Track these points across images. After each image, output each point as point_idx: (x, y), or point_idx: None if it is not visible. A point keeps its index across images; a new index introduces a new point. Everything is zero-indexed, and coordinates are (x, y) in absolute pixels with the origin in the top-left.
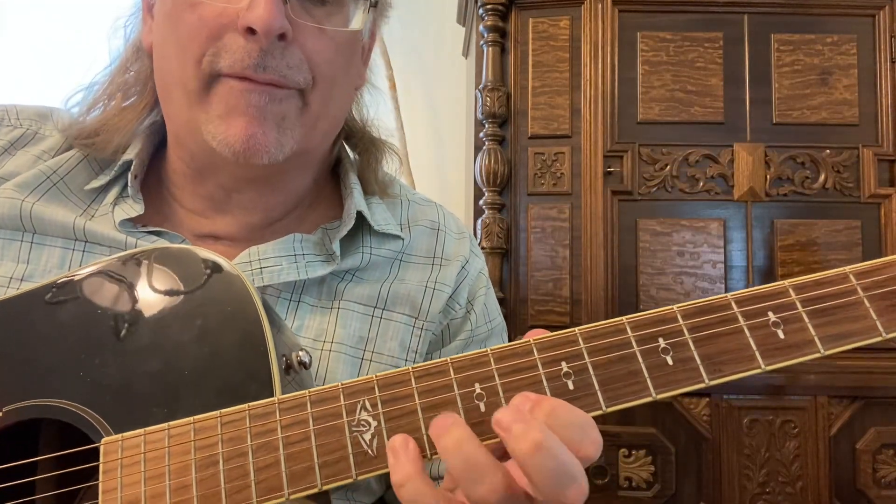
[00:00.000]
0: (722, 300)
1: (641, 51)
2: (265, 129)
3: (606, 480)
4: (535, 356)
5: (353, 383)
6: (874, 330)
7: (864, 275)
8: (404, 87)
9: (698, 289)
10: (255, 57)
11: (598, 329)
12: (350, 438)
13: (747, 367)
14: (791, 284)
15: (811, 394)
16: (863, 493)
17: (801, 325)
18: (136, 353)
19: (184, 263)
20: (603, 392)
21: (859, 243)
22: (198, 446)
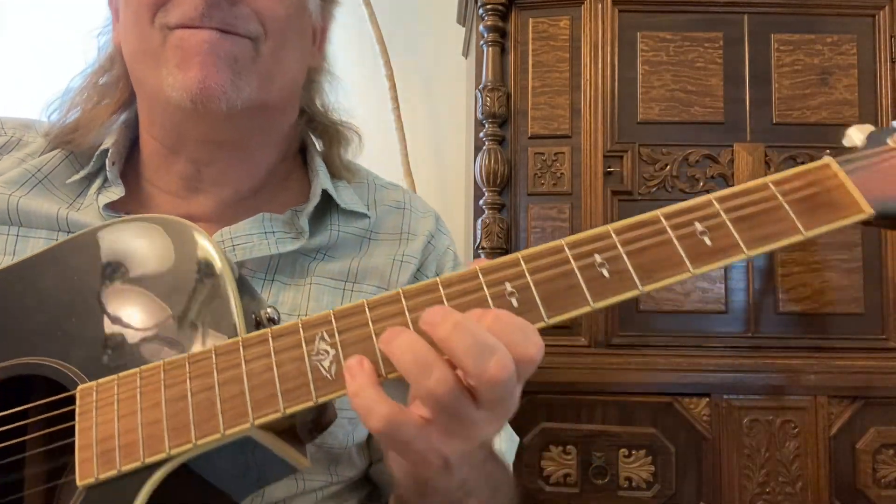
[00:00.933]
0: (652, 216)
1: (641, 51)
2: (218, 69)
3: (606, 480)
4: (481, 279)
5: (311, 318)
6: (795, 230)
7: (782, 183)
8: (404, 87)
9: (698, 289)
10: (200, 8)
11: (538, 252)
12: (310, 366)
13: (677, 272)
14: (715, 197)
15: (811, 394)
16: (863, 493)
17: (726, 231)
18: (110, 311)
19: (152, 228)
20: (545, 306)
21: (859, 243)
22: (167, 384)
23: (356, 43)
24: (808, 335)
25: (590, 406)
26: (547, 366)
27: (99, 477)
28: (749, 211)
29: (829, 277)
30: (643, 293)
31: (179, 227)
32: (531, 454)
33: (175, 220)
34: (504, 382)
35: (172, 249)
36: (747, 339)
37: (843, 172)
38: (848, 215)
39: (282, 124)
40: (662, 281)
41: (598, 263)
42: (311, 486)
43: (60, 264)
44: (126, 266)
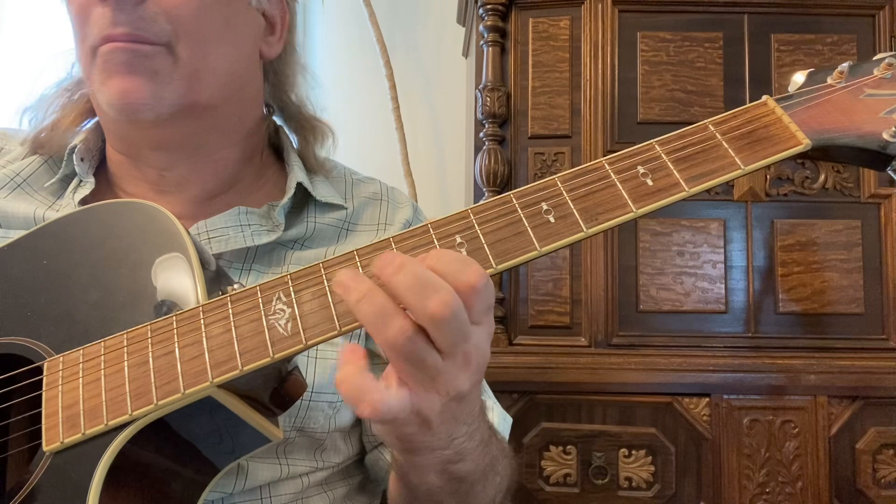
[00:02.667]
0: (597, 164)
1: (641, 51)
2: (138, 84)
3: (606, 480)
4: (432, 233)
5: (269, 282)
6: (734, 165)
7: (721, 123)
8: (404, 87)
9: (698, 289)
10: (109, 17)
11: (487, 205)
12: (267, 325)
13: (621, 213)
14: (657, 141)
15: (811, 394)
16: (863, 493)
17: (667, 171)
18: (77, 291)
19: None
20: (493, 253)
21: (859, 243)
22: (130, 352)
23: (356, 43)
24: (808, 335)
25: (590, 406)
26: (547, 366)
27: (64, 441)
28: (689, 151)
29: (829, 277)
30: (588, 235)
31: (143, 208)
32: (531, 454)
33: (139, 202)
34: (449, 319)
35: (136, 228)
36: (747, 339)
37: (779, 108)
38: (785, 148)
39: (235, 121)
40: (607, 223)
41: (544, 211)
42: (297, 471)
43: (30, 251)
44: (92, 246)
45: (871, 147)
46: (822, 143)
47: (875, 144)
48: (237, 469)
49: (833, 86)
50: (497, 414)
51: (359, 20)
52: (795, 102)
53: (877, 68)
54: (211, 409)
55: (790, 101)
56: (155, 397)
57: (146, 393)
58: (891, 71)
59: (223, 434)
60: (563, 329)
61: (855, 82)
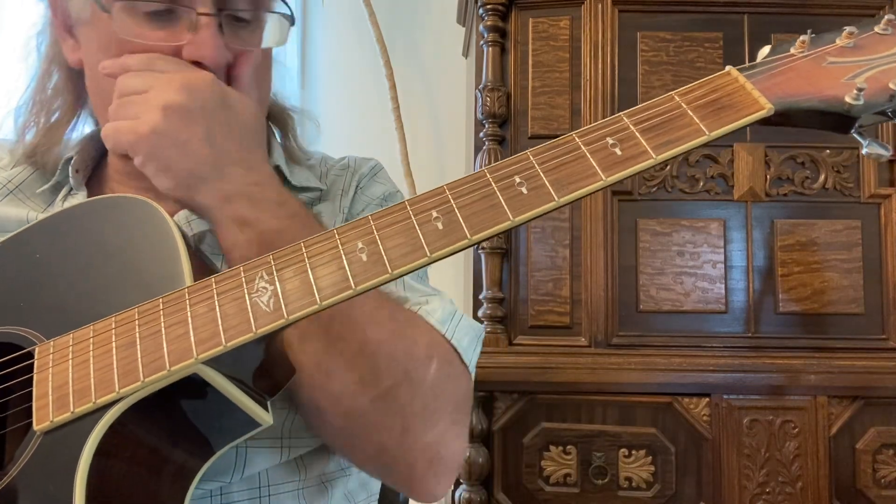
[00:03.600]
0: (568, 138)
1: (641, 51)
2: None
3: (606, 480)
4: (409, 210)
5: (252, 262)
6: (699, 132)
7: (686, 93)
8: (404, 87)
9: (698, 289)
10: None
11: (462, 181)
12: (250, 302)
13: (591, 181)
14: (625, 113)
15: (811, 394)
16: (863, 493)
17: (635, 141)
18: (68, 280)
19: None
20: (468, 226)
21: (859, 243)
22: (117, 334)
23: (356, 43)
24: (808, 335)
25: (590, 406)
26: (547, 366)
27: (54, 420)
28: (656, 121)
29: (829, 277)
30: (560, 204)
31: (131, 201)
32: (531, 454)
33: (128, 197)
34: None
35: (126, 220)
36: (747, 339)
37: (742, 77)
38: (748, 113)
39: None
40: (578, 191)
41: (517, 183)
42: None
43: (23, 246)
44: (83, 239)
45: (834, 110)
46: (785, 107)
47: (838, 107)
48: (235, 455)
49: (795, 55)
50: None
51: (359, 20)
52: (758, 71)
53: (839, 38)
54: (198, 387)
55: (753, 70)
56: (141, 375)
57: (133, 371)
58: (852, 40)
59: (213, 415)
60: (563, 329)
61: (817, 51)
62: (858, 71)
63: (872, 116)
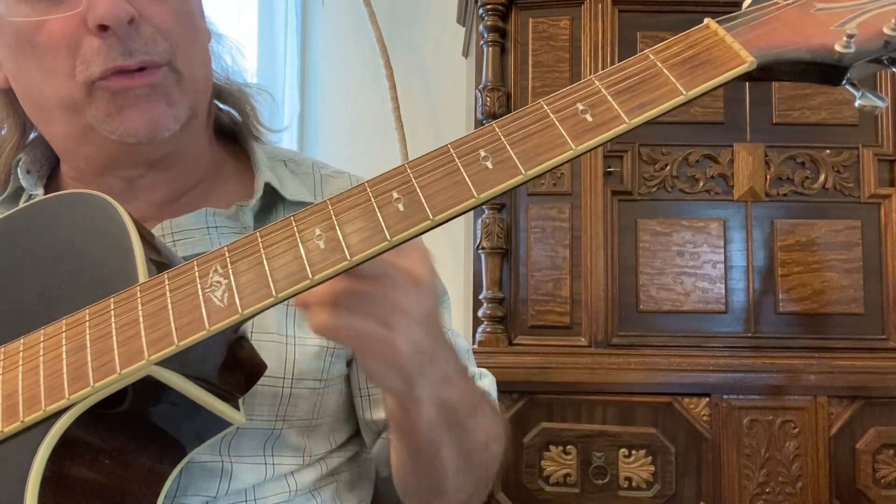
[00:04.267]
0: (535, 106)
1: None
2: (160, 111)
3: (606, 480)
4: (369, 191)
5: (207, 255)
6: (675, 91)
7: (662, 50)
8: (404, 87)
9: (698, 289)
10: (117, 48)
11: (424, 158)
12: (203, 297)
13: (560, 151)
14: (596, 76)
15: (811, 394)
16: (863, 493)
17: (607, 105)
18: (20, 284)
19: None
20: (430, 205)
21: (859, 243)
22: (68, 337)
23: (356, 43)
24: (808, 335)
25: (590, 406)
26: (547, 366)
27: (4, 430)
28: (629, 83)
29: (829, 277)
30: (528, 178)
31: (86, 197)
32: (531, 454)
33: (82, 192)
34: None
35: (79, 217)
36: (747, 339)
37: (722, 30)
38: (729, 69)
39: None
40: (546, 163)
41: (482, 158)
42: (282, 471)
43: None
44: (36, 239)
45: (822, 60)
46: (769, 60)
47: (827, 57)
48: (220, 471)
49: (780, 3)
50: (488, 382)
51: (359, 20)
52: (740, 22)
53: None
54: (156, 390)
55: (734, 22)
56: (91, 379)
57: (83, 376)
58: None
59: (178, 418)
60: (563, 329)
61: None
62: (850, 17)
63: (865, 66)
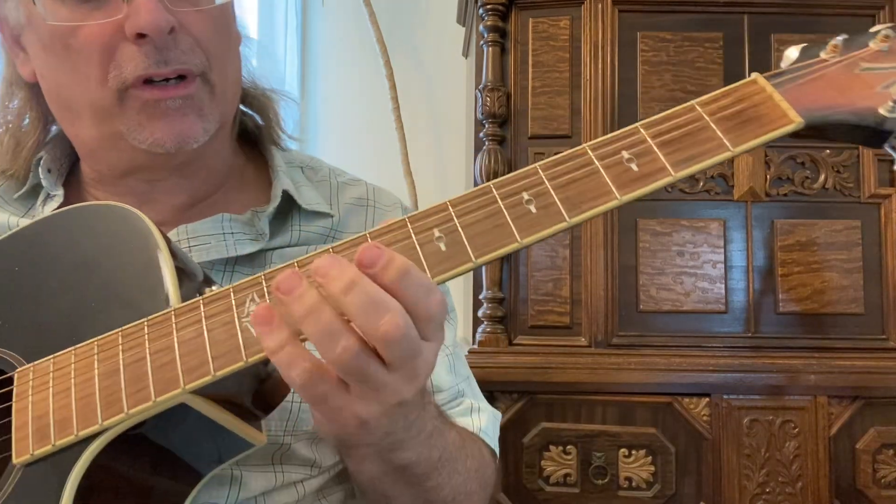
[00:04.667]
0: (580, 150)
1: (641, 51)
2: (190, 124)
3: (606, 480)
4: (409, 228)
5: (242, 282)
6: (722, 147)
7: (709, 103)
8: (404, 87)
9: (698, 289)
10: (153, 56)
11: (466, 196)
12: (240, 327)
13: (605, 200)
14: (641, 124)
15: (811, 394)
16: (863, 493)
17: (653, 156)
18: (48, 297)
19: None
20: (472, 246)
21: (859, 243)
22: (100, 359)
23: (356, 43)
24: (808, 335)
25: (590, 406)
26: (547, 366)
27: (34, 453)
28: (675, 134)
29: (829, 277)
30: (571, 224)
31: (116, 210)
32: (531, 454)
33: (112, 205)
34: (399, 340)
35: (109, 231)
36: (747, 339)
37: (770, 86)
38: (776, 127)
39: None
40: (590, 211)
41: (525, 201)
42: (291, 479)
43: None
44: (64, 251)
45: (866, 123)
46: (816, 121)
47: (871, 120)
48: (230, 478)
49: (826, 60)
50: (486, 416)
51: (359, 20)
52: (787, 79)
53: (872, 41)
54: (186, 415)
55: (781, 78)
56: (126, 406)
57: (117, 402)
58: (887, 43)
59: (202, 441)
60: (563, 329)
61: (850, 56)
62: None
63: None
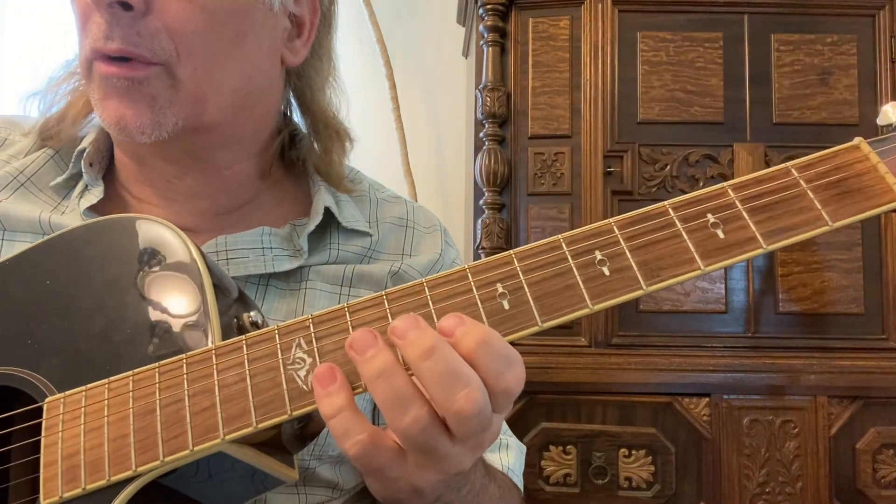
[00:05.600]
0: (660, 208)
1: (641, 51)
2: (136, 111)
3: (606, 480)
4: (470, 280)
5: (289, 324)
6: (819, 220)
7: (806, 167)
8: (404, 87)
9: (698, 289)
10: (104, 30)
11: (533, 249)
12: (285, 376)
13: (687, 269)
14: (731, 185)
15: (811, 394)
16: (863, 493)
17: (742, 223)
18: (81, 318)
19: (127, 229)
20: (539, 308)
21: (859, 243)
22: (136, 396)
23: (356, 43)
24: (808, 335)
25: (590, 406)
26: (547, 366)
27: (63, 496)
28: (768, 200)
29: (829, 277)
30: (647, 293)
31: (154, 226)
32: (531, 454)
33: (152, 220)
34: (473, 416)
35: (147, 251)
36: (747, 339)
37: (874, 154)
38: (880, 203)
39: (249, 136)
40: (670, 280)
41: (598, 261)
42: (314, 500)
43: (33, 268)
44: (98, 268)
45: None
46: None
47: None
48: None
49: None
50: (513, 452)
51: (359, 20)
52: (893, 147)
53: None
54: (221, 460)
55: (886, 146)
56: (161, 453)
57: (152, 447)
58: None
59: (235, 481)
60: (563, 329)
61: None
62: None
63: None
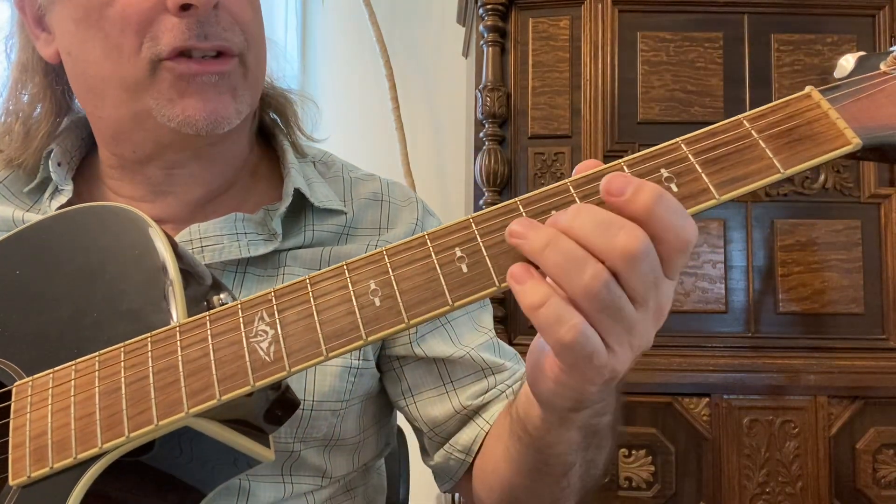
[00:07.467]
0: (615, 165)
1: (641, 51)
2: (223, 103)
3: (606, 480)
4: (429, 245)
5: (251, 298)
6: (771, 168)
7: (759, 118)
8: (404, 87)
9: (698, 289)
10: (194, 29)
11: (490, 213)
12: (248, 348)
13: None
14: (683, 140)
15: (811, 394)
16: (863, 493)
17: (695, 175)
18: (50, 305)
19: (93, 216)
20: (496, 269)
21: (859, 243)
22: (101, 376)
23: (356, 43)
24: (808, 335)
25: None
26: None
27: (31, 475)
28: (721, 152)
29: (829, 277)
30: None
31: (120, 213)
32: None
33: (116, 206)
34: (641, 256)
35: (112, 236)
36: (747, 339)
37: (825, 102)
38: (832, 148)
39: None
40: None
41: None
42: (301, 490)
43: (3, 259)
44: (66, 256)
45: None
46: (876, 143)
47: None
48: (238, 490)
49: (888, 73)
50: None
51: (359, 20)
52: (843, 94)
53: None
54: (191, 437)
55: (837, 93)
56: (127, 429)
57: (117, 424)
58: None
59: (207, 460)
60: None
61: None
62: None
63: None
